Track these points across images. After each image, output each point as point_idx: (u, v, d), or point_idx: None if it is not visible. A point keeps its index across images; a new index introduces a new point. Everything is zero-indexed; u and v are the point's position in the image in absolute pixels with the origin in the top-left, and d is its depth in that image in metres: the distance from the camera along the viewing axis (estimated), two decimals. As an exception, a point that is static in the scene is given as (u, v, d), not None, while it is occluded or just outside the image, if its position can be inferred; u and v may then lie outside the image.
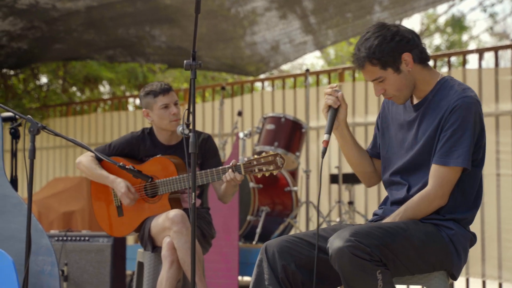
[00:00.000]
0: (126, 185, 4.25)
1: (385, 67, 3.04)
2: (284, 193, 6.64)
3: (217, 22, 7.24)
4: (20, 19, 7.94)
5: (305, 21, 7.79)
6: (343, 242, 2.78)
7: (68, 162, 10.36)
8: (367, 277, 2.78)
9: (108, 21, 8.17)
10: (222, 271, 5.89)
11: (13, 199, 4.23)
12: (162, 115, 4.35)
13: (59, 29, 8.39)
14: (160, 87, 4.37)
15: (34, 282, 4.05)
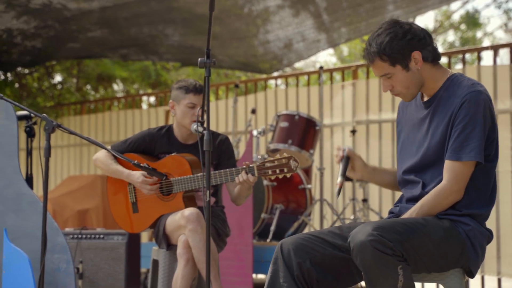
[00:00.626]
0: (142, 174, 4.26)
1: (394, 63, 3.05)
2: (298, 191, 6.64)
3: (230, 21, 7.25)
4: (34, 18, 7.99)
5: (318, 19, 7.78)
6: (365, 236, 2.78)
7: (83, 160, 10.40)
8: (388, 272, 2.78)
9: (121, 21, 8.20)
10: (236, 269, 5.90)
11: (28, 197, 4.26)
12: (186, 112, 4.36)
13: (72, 28, 8.43)
14: (194, 86, 4.38)
15: (49, 280, 4.07)
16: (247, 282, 5.84)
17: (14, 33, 8.40)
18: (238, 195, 4.27)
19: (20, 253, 3.88)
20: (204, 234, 4.01)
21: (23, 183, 4.29)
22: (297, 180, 6.67)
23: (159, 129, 4.51)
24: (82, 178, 8.40)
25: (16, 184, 4.28)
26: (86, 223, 7.50)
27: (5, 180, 4.31)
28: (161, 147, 4.44)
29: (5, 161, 4.32)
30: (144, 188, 4.27)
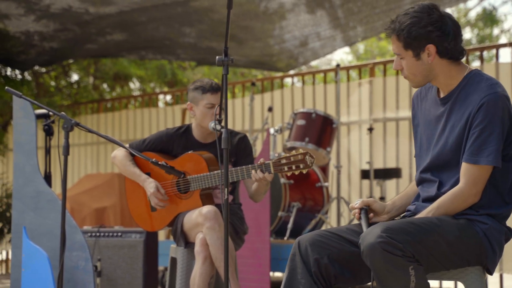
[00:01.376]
0: (156, 186, 4.28)
1: (407, 48, 3.05)
2: (315, 189, 6.63)
3: (246, 19, 7.24)
4: (53, 21, 8.06)
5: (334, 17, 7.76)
6: (374, 238, 2.77)
7: (99, 158, 10.43)
8: (399, 273, 2.77)
9: (139, 24, 8.24)
10: (254, 267, 5.90)
11: (47, 195, 4.28)
12: (205, 113, 4.36)
13: (91, 31, 8.49)
14: (210, 85, 4.37)
15: (68, 277, 4.09)
16: (264, 280, 5.84)
17: (33, 35, 8.46)
18: (256, 191, 4.27)
19: (39, 251, 3.90)
20: (221, 231, 4.01)
21: (42, 181, 4.31)
22: (314, 178, 6.66)
23: (177, 129, 4.51)
24: (99, 177, 8.43)
25: (35, 183, 4.30)
26: (103, 221, 7.53)
27: (24, 179, 4.33)
28: (179, 147, 4.45)
29: (24, 160, 4.34)
30: (153, 200, 4.29)
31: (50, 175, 4.58)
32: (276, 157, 6.37)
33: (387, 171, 6.95)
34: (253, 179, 4.01)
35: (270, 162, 3.96)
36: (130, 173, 4.42)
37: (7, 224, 9.59)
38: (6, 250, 10.59)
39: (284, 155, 3.93)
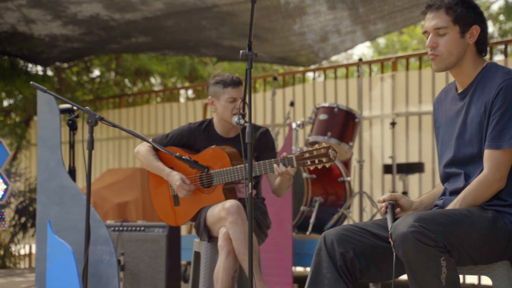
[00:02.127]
0: (181, 178, 4.29)
1: (456, 23, 3.06)
2: (338, 184, 6.61)
3: (267, 14, 7.22)
4: (79, 27, 8.22)
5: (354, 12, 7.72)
6: (407, 227, 2.76)
7: (121, 153, 10.48)
8: (431, 263, 2.75)
9: (163, 28, 8.34)
10: (276, 262, 5.90)
11: (71, 190, 4.31)
12: (227, 107, 4.35)
13: (115, 34, 8.62)
14: (231, 79, 4.36)
15: (93, 271, 4.12)
16: (287, 274, 5.84)
17: (58, 37, 8.58)
18: (279, 186, 4.27)
19: (63, 245, 3.92)
20: (244, 226, 4.01)
21: (66, 176, 4.33)
22: (336, 173, 6.64)
23: (200, 124, 4.51)
24: (121, 171, 8.46)
25: (59, 177, 4.33)
26: (126, 215, 7.56)
27: (48, 173, 4.36)
28: (201, 142, 4.45)
29: (48, 154, 4.37)
30: (181, 192, 4.29)
31: (74, 170, 4.60)
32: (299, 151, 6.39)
33: (410, 165, 6.92)
34: (276, 173, 4.00)
35: (293, 156, 3.95)
36: (153, 168, 4.43)
37: (30, 219, 9.66)
38: (30, 244, 10.67)
39: (307, 149, 3.93)
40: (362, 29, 8.08)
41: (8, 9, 7.63)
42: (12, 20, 7.92)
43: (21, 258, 10.40)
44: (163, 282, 5.60)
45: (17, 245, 10.00)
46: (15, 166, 9.95)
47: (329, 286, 3.01)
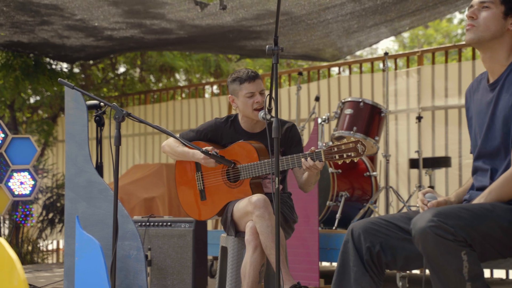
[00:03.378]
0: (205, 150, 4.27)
1: (503, 3, 3.07)
2: (364, 178, 6.59)
3: (291, 8, 7.20)
4: (112, 42, 8.51)
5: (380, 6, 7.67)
6: (425, 223, 2.75)
7: (147, 149, 10.53)
8: (451, 258, 2.74)
9: (195, 42, 8.68)
10: (302, 256, 5.90)
11: (99, 185, 4.33)
12: (246, 103, 4.36)
13: (148, 46, 8.92)
14: (247, 75, 4.37)
15: (120, 266, 4.14)
16: (313, 269, 5.84)
17: (89, 47, 8.87)
18: (305, 181, 4.26)
19: (92, 240, 3.94)
20: (271, 220, 4.02)
21: (94, 171, 4.36)
22: (362, 168, 6.62)
23: (226, 119, 4.52)
24: (147, 167, 8.50)
25: (87, 173, 4.35)
26: (152, 211, 7.60)
27: (76, 169, 4.38)
28: (228, 137, 4.46)
29: (76, 150, 4.40)
30: (209, 164, 4.28)
31: (102, 165, 4.62)
32: (324, 146, 6.37)
33: (436, 160, 6.88)
34: (304, 168, 4.00)
35: (321, 150, 3.95)
36: (179, 154, 4.46)
37: (58, 214, 9.75)
38: (57, 240, 10.77)
39: (335, 143, 3.92)
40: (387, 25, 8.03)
41: (43, 30, 7.84)
42: (45, 36, 8.11)
43: (49, 253, 10.50)
44: (190, 277, 5.62)
45: (45, 241, 10.09)
46: (43, 162, 10.04)
47: (355, 280, 3.02)
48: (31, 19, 7.49)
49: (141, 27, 7.83)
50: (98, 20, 7.51)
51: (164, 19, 7.49)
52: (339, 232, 6.20)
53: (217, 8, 6.93)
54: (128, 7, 7.14)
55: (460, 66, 7.56)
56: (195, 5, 6.90)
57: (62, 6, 7.05)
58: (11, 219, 9.21)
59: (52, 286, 6.30)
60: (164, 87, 12.11)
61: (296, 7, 6.98)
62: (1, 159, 6.05)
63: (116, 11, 7.21)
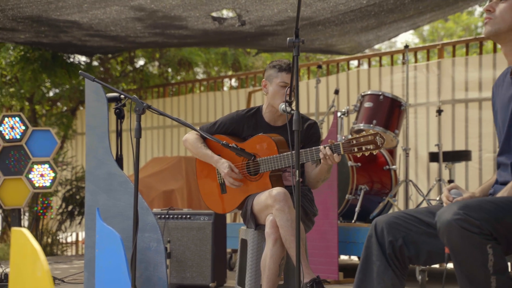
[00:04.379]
0: (229, 166, 4.30)
1: None
2: (383, 172, 6.57)
3: (311, 14, 7.19)
4: (132, 45, 8.82)
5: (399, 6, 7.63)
6: (451, 215, 2.73)
7: (166, 142, 10.55)
8: (476, 251, 2.72)
9: (215, 43, 8.86)
10: (322, 250, 5.89)
11: (119, 177, 4.34)
12: (277, 91, 4.36)
13: (169, 44, 9.21)
14: (287, 65, 4.38)
15: (140, 258, 4.15)
16: (332, 263, 5.83)
17: (109, 47, 9.06)
18: (315, 177, 4.27)
19: (112, 232, 3.96)
20: (291, 213, 4.01)
21: (114, 163, 4.37)
22: (381, 161, 6.60)
23: (247, 111, 4.52)
24: (166, 160, 8.51)
25: (107, 165, 4.37)
26: (171, 203, 7.61)
27: (96, 161, 4.40)
28: (249, 129, 4.45)
29: (96, 142, 4.41)
30: (228, 179, 4.31)
31: (122, 158, 4.63)
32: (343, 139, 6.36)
33: (457, 153, 6.84)
34: (321, 156, 3.98)
35: (340, 143, 3.93)
36: (202, 155, 4.46)
37: (77, 207, 9.79)
38: (76, 232, 10.82)
39: (354, 136, 3.90)
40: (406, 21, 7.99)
41: (68, 36, 7.95)
42: (66, 39, 8.23)
43: (68, 245, 10.56)
44: (209, 270, 5.63)
45: (64, 233, 10.15)
46: (62, 155, 10.09)
47: (378, 274, 3.01)
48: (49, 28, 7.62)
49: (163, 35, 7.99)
50: (119, 31, 7.68)
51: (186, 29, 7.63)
52: (358, 225, 6.18)
53: (236, 24, 7.03)
54: (151, 21, 7.29)
55: (480, 59, 7.51)
56: (213, 21, 7.04)
57: (81, 22, 7.17)
58: (31, 211, 9.27)
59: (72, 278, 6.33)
60: (182, 80, 12.12)
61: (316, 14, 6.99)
62: (21, 152, 6.08)
63: (139, 24, 7.39)
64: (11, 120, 6.10)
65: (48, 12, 6.87)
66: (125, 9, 6.80)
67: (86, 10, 6.84)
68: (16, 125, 6.10)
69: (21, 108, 10.42)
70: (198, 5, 6.68)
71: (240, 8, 6.75)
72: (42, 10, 6.80)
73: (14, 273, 2.43)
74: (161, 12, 6.93)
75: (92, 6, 6.71)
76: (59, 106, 11.52)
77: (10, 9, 6.73)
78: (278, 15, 7.01)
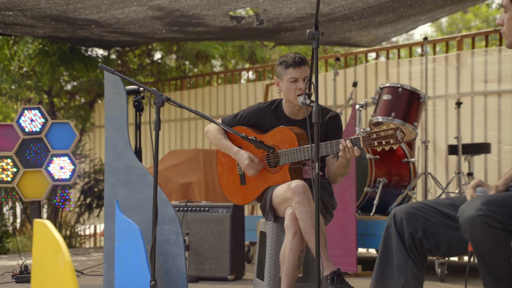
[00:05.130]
0: (249, 157, 4.30)
1: None
2: (401, 164, 6.54)
3: (329, 11, 7.16)
4: (150, 40, 8.88)
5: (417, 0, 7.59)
6: (474, 211, 2.71)
7: (183, 135, 10.56)
8: (499, 247, 2.70)
9: (233, 38, 8.78)
10: (340, 243, 5.88)
11: (138, 170, 4.35)
12: (289, 87, 4.33)
13: (186, 39, 9.22)
14: (293, 60, 4.34)
15: (160, 250, 4.16)
16: (351, 255, 5.82)
17: (126, 41, 9.11)
18: (335, 170, 4.25)
19: (131, 224, 3.97)
20: (310, 206, 4.00)
21: (133, 156, 4.37)
22: (400, 154, 6.57)
23: (269, 104, 4.51)
24: (183, 153, 8.53)
25: (126, 157, 4.37)
26: (189, 196, 7.62)
27: (115, 154, 4.41)
28: (270, 122, 4.44)
29: (115, 135, 4.42)
30: (249, 170, 4.31)
31: (141, 150, 4.64)
32: (362, 132, 6.34)
33: (476, 146, 6.80)
34: (340, 147, 3.96)
35: (360, 137, 3.92)
36: (222, 146, 4.47)
37: (96, 199, 9.83)
38: (95, 225, 10.87)
39: (374, 130, 3.88)
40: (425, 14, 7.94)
41: (86, 32, 8.00)
42: (84, 34, 8.27)
43: (87, 238, 10.61)
44: (228, 262, 5.65)
45: (82, 225, 10.20)
46: (80, 147, 10.13)
47: (398, 265, 2.99)
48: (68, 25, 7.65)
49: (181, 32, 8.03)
50: (138, 29, 7.70)
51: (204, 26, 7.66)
52: (377, 218, 6.17)
53: (254, 24, 7.02)
54: (169, 19, 7.31)
55: (500, 50, 7.45)
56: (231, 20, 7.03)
57: (99, 20, 7.19)
58: (50, 203, 9.32)
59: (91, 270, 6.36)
60: (200, 73, 12.13)
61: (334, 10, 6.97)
62: (41, 144, 6.11)
63: (158, 22, 7.40)
64: (30, 113, 6.12)
65: (67, 12, 6.90)
66: (144, 9, 6.82)
67: (104, 11, 6.86)
68: (36, 117, 6.12)
69: (39, 101, 10.48)
70: (216, 4, 6.68)
71: (258, 7, 6.75)
72: (60, 10, 6.83)
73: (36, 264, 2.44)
74: (180, 12, 6.94)
75: (110, 7, 6.73)
76: (77, 99, 11.56)
77: (30, 9, 6.76)
78: (296, 13, 7.00)
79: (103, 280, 4.35)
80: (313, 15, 6.88)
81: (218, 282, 5.64)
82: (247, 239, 6.49)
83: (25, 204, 9.61)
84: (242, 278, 5.86)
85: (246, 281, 5.73)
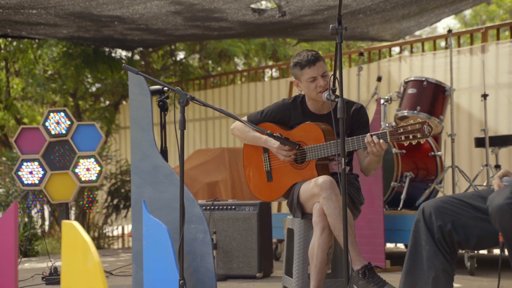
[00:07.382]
0: (279, 145, 4.29)
1: None
2: (428, 158, 6.50)
3: (350, 2, 7.14)
4: (172, 38, 8.96)
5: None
6: (504, 199, 2.70)
7: (208, 134, 10.58)
8: None
9: (256, 35, 8.83)
10: (368, 238, 5.85)
11: (164, 169, 4.36)
12: (309, 87, 4.31)
13: (209, 37, 9.20)
14: (306, 59, 4.30)
15: (187, 249, 4.17)
16: (379, 251, 5.79)
17: (149, 40, 9.19)
18: (367, 165, 4.22)
19: (159, 224, 3.97)
20: (338, 201, 3.98)
21: (159, 156, 4.39)
22: (426, 147, 6.53)
23: (294, 100, 4.49)
24: (209, 152, 8.54)
25: (152, 157, 4.39)
26: (215, 195, 7.63)
27: (141, 154, 4.42)
28: (296, 118, 4.43)
29: (140, 135, 4.43)
30: (280, 154, 4.30)
31: (167, 150, 4.65)
32: (387, 127, 6.30)
33: (504, 138, 6.72)
34: (366, 141, 3.94)
35: (386, 131, 3.89)
36: (251, 138, 4.47)
37: (122, 200, 9.88)
38: (122, 225, 10.93)
39: (401, 124, 3.86)
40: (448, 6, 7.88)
41: (110, 30, 8.04)
42: (107, 33, 8.31)
43: (115, 238, 10.67)
44: (256, 260, 5.65)
45: (110, 226, 10.26)
46: (106, 149, 10.19)
47: (428, 259, 2.98)
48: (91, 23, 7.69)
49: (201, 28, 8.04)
50: (160, 25, 7.72)
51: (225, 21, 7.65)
52: (404, 213, 6.13)
53: (277, 15, 7.00)
54: (191, 14, 7.33)
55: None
56: (252, 12, 7.02)
57: (123, 16, 7.22)
58: (77, 205, 9.38)
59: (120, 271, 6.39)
60: (223, 72, 12.13)
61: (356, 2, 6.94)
62: (67, 146, 6.15)
63: (179, 17, 7.44)
64: (56, 115, 6.16)
65: (89, 8, 6.94)
66: (166, 3, 6.83)
67: (127, 6, 6.88)
68: (62, 120, 6.16)
69: (64, 104, 10.54)
70: (236, -3, 6.70)
71: (280, -1, 6.74)
72: (83, 7, 6.87)
73: (65, 265, 2.45)
74: (201, 5, 6.95)
75: (132, 2, 6.75)
76: (102, 100, 11.63)
77: (53, 7, 6.80)
78: (319, 4, 6.97)
79: (132, 281, 4.37)
80: (336, 7, 6.84)
81: (246, 280, 5.65)
82: (274, 236, 6.48)
83: (53, 207, 9.67)
84: (271, 276, 5.86)
85: (275, 278, 5.73)
